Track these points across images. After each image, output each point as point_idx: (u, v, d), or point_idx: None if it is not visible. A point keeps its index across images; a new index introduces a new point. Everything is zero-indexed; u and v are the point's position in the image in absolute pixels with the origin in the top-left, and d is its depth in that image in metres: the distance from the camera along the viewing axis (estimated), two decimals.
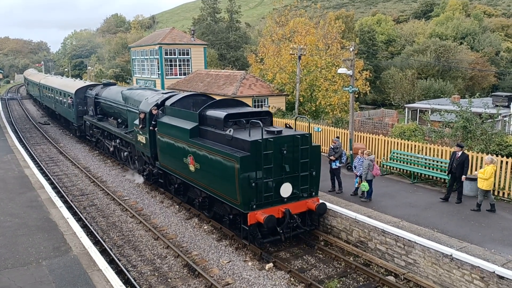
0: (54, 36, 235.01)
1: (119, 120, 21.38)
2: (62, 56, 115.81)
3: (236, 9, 67.02)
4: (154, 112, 15.84)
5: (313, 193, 12.41)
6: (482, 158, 14.55)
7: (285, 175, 11.66)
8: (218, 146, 12.05)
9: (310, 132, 12.79)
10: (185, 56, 38.77)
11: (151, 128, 15.99)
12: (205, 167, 12.67)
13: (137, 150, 18.12)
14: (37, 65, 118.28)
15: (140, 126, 16.68)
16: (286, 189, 11.70)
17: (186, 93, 16.66)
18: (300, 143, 11.83)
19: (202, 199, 13.91)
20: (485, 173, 12.58)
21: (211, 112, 13.37)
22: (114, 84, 27.25)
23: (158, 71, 38.37)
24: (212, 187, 12.60)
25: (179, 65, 38.64)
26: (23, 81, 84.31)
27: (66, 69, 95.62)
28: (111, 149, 22.15)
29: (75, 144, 28.16)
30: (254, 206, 11.22)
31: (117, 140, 21.14)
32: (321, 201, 12.54)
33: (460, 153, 13.49)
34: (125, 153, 20.21)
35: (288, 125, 13.57)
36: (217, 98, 17.26)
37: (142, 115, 16.46)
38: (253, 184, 11.10)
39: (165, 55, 37.80)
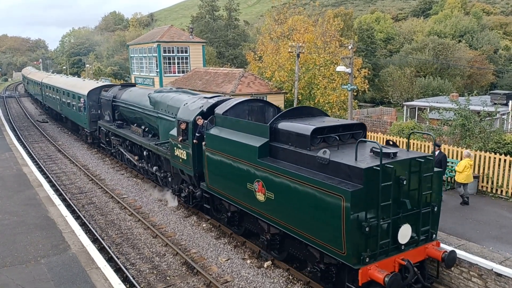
0: (53, 34, 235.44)
1: (144, 128, 18.40)
2: (60, 54, 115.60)
3: (235, 7, 66.94)
4: (200, 122, 12.95)
5: (433, 235, 9.42)
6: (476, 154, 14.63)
7: (404, 214, 8.74)
8: (305, 172, 9.12)
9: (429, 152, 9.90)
10: (184, 54, 38.71)
11: (194, 141, 13.10)
12: (283, 198, 9.68)
13: (172, 166, 14.93)
14: (35, 63, 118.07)
15: (180, 139, 13.69)
16: (405, 233, 8.80)
17: (239, 99, 13.33)
18: (422, 169, 8.92)
19: (271, 236, 10.97)
20: (459, 166, 13.04)
21: (287, 125, 10.20)
22: (133, 85, 24.10)
23: (157, 69, 38.31)
24: (293, 225, 9.55)
25: (178, 63, 38.58)
26: (21, 79, 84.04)
27: (64, 67, 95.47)
28: (135, 161, 18.87)
29: (73, 142, 28.12)
30: (367, 259, 8.29)
31: (144, 152, 17.68)
32: (443, 245, 9.79)
33: (437, 152, 13.55)
34: (154, 168, 16.97)
35: (391, 142, 10.22)
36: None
37: (183, 125, 13.47)
38: (367, 228, 8.15)
39: (164, 53, 37.73)
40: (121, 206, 15.84)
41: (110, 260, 11.21)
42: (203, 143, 12.66)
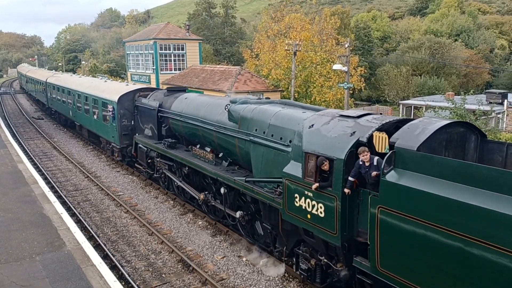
0: (50, 31, 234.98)
1: (216, 152, 13.30)
2: (56, 50, 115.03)
3: (232, 4, 66.85)
4: (367, 160, 7.92)
5: None
6: None
7: None
8: None
9: None
10: (180, 51, 38.64)
11: (346, 191, 8.06)
12: None
13: (282, 219, 9.87)
14: (30, 59, 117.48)
15: (315, 185, 8.51)
16: None
17: (432, 122, 8.06)
18: None
19: None
20: None
21: None
22: (183, 90, 18.26)
23: (153, 66, 38.22)
24: None
25: (174, 60, 38.52)
26: (17, 76, 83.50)
27: (60, 64, 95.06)
28: (202, 197, 13.38)
29: (69, 139, 28.01)
30: None
31: (222, 189, 12.25)
32: None
33: None
34: (238, 213, 11.79)
35: None
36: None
37: (325, 166, 8.38)
38: None
39: (160, 50, 37.65)
40: (117, 204, 15.81)
41: (105, 257, 11.20)
42: (370, 195, 7.79)
